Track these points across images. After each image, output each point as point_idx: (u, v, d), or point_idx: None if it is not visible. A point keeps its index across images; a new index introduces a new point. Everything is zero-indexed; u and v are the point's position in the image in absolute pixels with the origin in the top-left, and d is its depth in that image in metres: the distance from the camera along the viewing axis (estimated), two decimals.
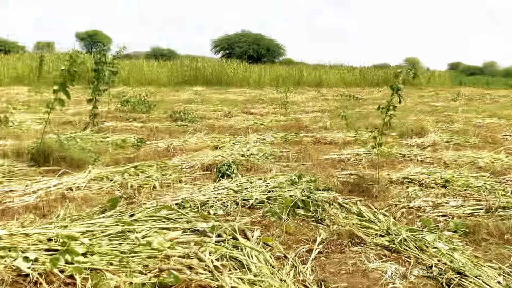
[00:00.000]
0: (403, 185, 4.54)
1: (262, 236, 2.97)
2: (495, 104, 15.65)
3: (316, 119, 9.58)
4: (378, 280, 2.50)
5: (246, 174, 4.54)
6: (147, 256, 2.50)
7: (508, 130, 8.51)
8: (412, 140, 7.15)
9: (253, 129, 7.78)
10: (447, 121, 9.76)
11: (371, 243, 2.97)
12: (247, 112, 10.59)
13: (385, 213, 3.62)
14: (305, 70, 26.37)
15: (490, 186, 4.46)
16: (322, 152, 6.17)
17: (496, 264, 2.71)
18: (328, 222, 3.34)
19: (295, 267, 2.56)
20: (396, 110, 4.35)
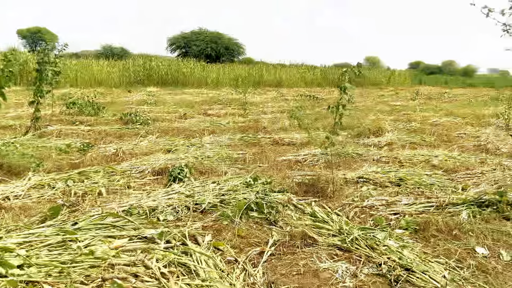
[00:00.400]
0: (357, 184, 4.57)
1: (213, 241, 2.89)
2: (452, 102, 16.21)
3: (275, 120, 9.56)
4: (328, 280, 2.47)
5: (199, 178, 4.43)
6: (90, 266, 2.36)
7: (463, 129, 8.82)
8: (369, 140, 7.26)
9: (209, 131, 7.65)
10: (405, 120, 10.00)
11: (323, 243, 2.95)
12: (204, 114, 10.41)
13: (338, 213, 3.62)
14: (265, 70, 26.25)
15: (442, 184, 4.57)
16: (280, 153, 6.15)
17: (443, 259, 2.76)
18: (282, 224, 3.30)
19: (246, 270, 2.50)
20: (353, 110, 4.37)
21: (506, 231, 3.29)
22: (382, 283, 2.46)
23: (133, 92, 16.15)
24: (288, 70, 27.74)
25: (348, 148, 6.35)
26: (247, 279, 2.40)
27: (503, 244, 3.09)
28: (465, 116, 10.94)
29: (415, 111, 11.89)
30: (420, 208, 3.78)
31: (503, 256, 2.90)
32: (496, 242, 3.12)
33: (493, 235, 3.22)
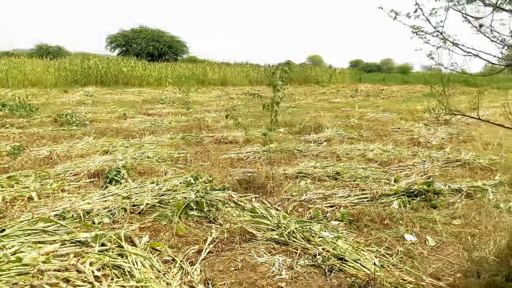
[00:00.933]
0: (297, 179, 4.68)
1: (150, 242, 2.85)
2: (389, 99, 16.95)
3: (218, 118, 9.55)
4: (265, 273, 2.52)
5: (138, 179, 4.34)
6: (17, 274, 2.25)
7: (398, 124, 9.26)
8: (309, 136, 7.44)
9: (150, 131, 7.49)
10: (344, 116, 10.33)
11: (261, 238, 3.00)
12: (145, 113, 10.17)
13: (277, 208, 3.69)
14: (209, 68, 26.13)
15: (376, 176, 4.78)
16: (222, 151, 6.15)
17: (374, 247, 2.90)
18: (221, 221, 3.31)
19: (183, 269, 2.49)
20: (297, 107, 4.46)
21: (433, 219, 3.51)
22: (316, 274, 2.55)
23: (70, 93, 15.44)
24: (233, 69, 27.76)
25: (289, 145, 6.47)
26: (184, 277, 2.39)
27: (429, 230, 3.30)
28: (400, 111, 11.50)
29: (354, 108, 12.33)
30: (355, 200, 3.93)
31: (429, 242, 3.09)
32: (424, 229, 3.32)
33: (421, 223, 3.43)
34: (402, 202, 3.84)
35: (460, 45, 1.51)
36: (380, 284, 2.36)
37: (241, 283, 2.41)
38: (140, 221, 3.24)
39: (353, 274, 2.51)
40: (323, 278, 2.50)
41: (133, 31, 38.76)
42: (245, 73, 27.59)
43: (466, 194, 4.09)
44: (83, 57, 22.30)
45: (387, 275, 2.49)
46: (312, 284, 2.43)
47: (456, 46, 1.51)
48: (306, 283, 2.45)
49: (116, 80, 21.16)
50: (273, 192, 4.14)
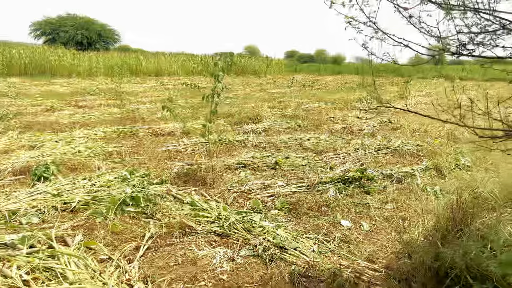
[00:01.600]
0: (236, 170, 4.67)
1: (84, 240, 2.71)
2: (323, 89, 17.39)
3: (154, 110, 9.28)
4: (206, 266, 2.49)
5: (69, 175, 4.11)
6: None
7: (332, 113, 9.54)
8: (248, 127, 7.46)
9: (81, 124, 7.12)
10: (281, 106, 10.47)
11: (202, 231, 2.96)
12: (75, 106, 9.64)
13: (217, 200, 3.67)
14: (143, 58, 25.31)
15: (313, 165, 4.90)
16: (159, 144, 5.99)
17: (313, 234, 2.97)
18: (160, 216, 3.22)
19: (120, 267, 2.39)
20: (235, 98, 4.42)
21: (367, 204, 3.66)
22: (257, 264, 2.56)
23: None
24: (168, 59, 27.11)
25: (229, 136, 6.45)
26: (122, 276, 2.30)
27: (364, 216, 3.44)
28: (334, 101, 11.88)
29: (291, 98, 12.55)
30: (293, 189, 4.01)
31: (363, 226, 3.23)
32: (358, 215, 3.46)
33: (356, 209, 3.57)
34: (338, 189, 3.97)
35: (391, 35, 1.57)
36: (319, 270, 2.42)
37: (181, 278, 2.36)
38: (73, 220, 3.07)
39: (293, 262, 2.55)
40: (264, 268, 2.52)
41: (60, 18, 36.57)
42: (181, 63, 27.05)
43: (396, 180, 4.31)
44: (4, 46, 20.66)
45: (325, 261, 2.56)
46: (253, 275, 2.44)
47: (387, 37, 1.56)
48: (247, 273, 2.45)
49: (43, 70, 19.87)
50: (213, 184, 4.11)
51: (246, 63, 29.97)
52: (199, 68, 27.67)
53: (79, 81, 17.21)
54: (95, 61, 22.17)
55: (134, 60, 24.28)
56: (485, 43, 1.42)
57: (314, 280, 2.32)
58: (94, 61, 22.20)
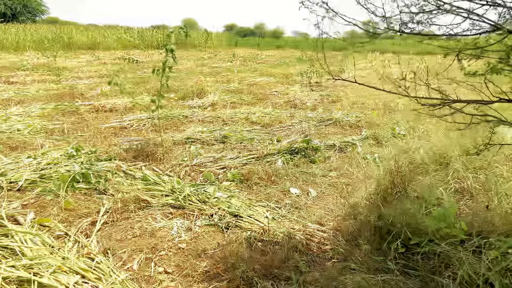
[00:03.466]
0: (186, 145, 4.71)
1: (37, 218, 2.67)
2: (265, 63, 17.47)
3: (93, 85, 8.94)
4: (165, 237, 2.57)
5: (10, 154, 3.94)
6: None
7: (275, 87, 9.70)
8: (193, 102, 7.43)
9: (16, 102, 6.74)
10: (225, 81, 10.46)
11: (157, 204, 3.02)
12: (5, 82, 9.03)
13: (169, 174, 3.71)
14: (75, 31, 23.92)
15: (260, 138, 5.04)
16: (102, 120, 5.84)
17: (265, 202, 3.13)
18: (113, 192, 3.23)
19: (78, 242, 2.40)
20: (177, 72, 4.38)
21: (313, 173, 3.88)
22: (214, 232, 2.68)
23: None
24: (103, 32, 25.83)
25: (175, 111, 6.41)
26: (81, 250, 2.32)
27: (311, 183, 3.65)
28: (276, 75, 12.06)
29: (233, 73, 12.56)
30: (243, 161, 4.13)
31: (311, 193, 3.43)
32: (306, 183, 3.66)
33: (303, 177, 3.77)
34: (286, 160, 4.15)
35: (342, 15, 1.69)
36: (273, 234, 2.59)
37: (141, 249, 2.42)
38: (21, 198, 2.99)
39: (249, 229, 2.69)
40: (221, 235, 2.64)
41: None
42: (117, 36, 25.91)
43: (339, 149, 4.58)
44: None
45: (279, 226, 2.73)
46: (211, 242, 2.55)
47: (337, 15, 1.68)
48: (206, 241, 2.56)
49: None
50: (163, 159, 4.13)
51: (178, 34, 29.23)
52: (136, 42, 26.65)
53: (6, 56, 16.02)
54: (22, 34, 20.65)
55: (67, 33, 22.90)
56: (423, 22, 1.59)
57: (269, 244, 2.48)
58: (22, 34, 20.68)
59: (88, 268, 2.12)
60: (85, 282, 2.01)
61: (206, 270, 2.24)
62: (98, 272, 2.11)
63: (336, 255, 2.34)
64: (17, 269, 2.03)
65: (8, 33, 20.30)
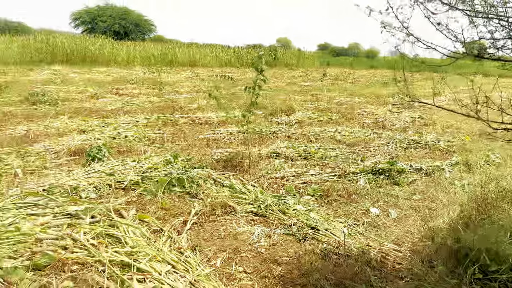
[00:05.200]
0: (271, 158, 4.94)
1: (138, 214, 3.05)
2: (356, 83, 17.34)
3: (191, 100, 9.65)
4: (246, 241, 2.78)
5: (118, 157, 4.49)
6: (17, 242, 2.42)
7: (364, 107, 9.64)
8: (281, 118, 7.70)
9: (124, 111, 7.56)
10: (314, 99, 10.64)
11: (241, 211, 3.26)
12: (116, 94, 10.12)
13: (254, 184, 3.95)
14: (178, 49, 25.81)
15: (344, 156, 5.11)
16: (198, 132, 6.33)
17: (343, 218, 3.21)
18: (203, 196, 3.54)
19: (171, 237, 2.71)
20: (266, 90, 4.66)
21: (395, 194, 3.86)
22: (292, 241, 2.83)
23: (36, 71, 15.02)
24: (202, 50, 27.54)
25: (262, 126, 6.72)
26: (173, 244, 2.61)
27: (392, 204, 3.65)
28: (367, 96, 11.93)
29: (323, 92, 12.68)
30: (325, 178, 4.24)
31: (391, 214, 3.44)
32: (387, 203, 3.67)
33: (385, 198, 3.77)
34: (368, 180, 4.18)
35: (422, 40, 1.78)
36: (348, 249, 2.67)
37: (224, 249, 2.66)
38: (125, 196, 3.42)
39: (325, 241, 2.81)
40: (298, 245, 2.78)
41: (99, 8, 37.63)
42: (215, 55, 27.44)
43: (425, 173, 4.48)
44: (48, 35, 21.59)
45: (354, 241, 2.80)
46: (288, 250, 2.71)
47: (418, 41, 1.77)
48: (283, 249, 2.72)
49: (83, 59, 20.64)
50: (250, 170, 4.39)
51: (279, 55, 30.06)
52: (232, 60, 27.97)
53: (117, 70, 17.82)
54: (132, 51, 22.83)
55: (171, 50, 24.82)
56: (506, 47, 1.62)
57: (343, 257, 2.57)
58: (132, 51, 22.86)
59: (178, 260, 2.40)
60: (175, 272, 2.29)
61: (281, 274, 2.40)
62: (186, 264, 2.38)
63: (409, 275, 2.36)
64: (120, 254, 2.38)
65: (120, 49, 22.56)
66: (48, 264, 2.23)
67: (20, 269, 2.15)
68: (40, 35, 21.99)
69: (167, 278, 2.19)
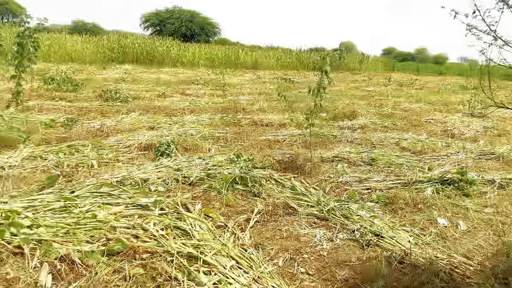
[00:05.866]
0: (333, 163, 4.89)
1: (203, 209, 3.15)
2: (423, 89, 16.68)
3: (253, 101, 9.79)
4: (308, 243, 2.78)
5: (185, 154, 4.65)
6: (93, 228, 2.59)
7: (431, 114, 9.27)
8: (343, 123, 7.60)
9: (189, 110, 7.82)
10: (377, 105, 10.39)
11: (302, 213, 3.26)
12: (182, 93, 10.50)
13: (316, 187, 3.93)
14: (241, 51, 26.26)
15: (410, 164, 4.95)
16: (259, 133, 6.41)
17: (409, 227, 3.12)
18: (265, 196, 3.58)
19: (235, 234, 2.78)
20: (329, 94, 4.63)
21: (465, 206, 3.68)
22: (355, 246, 2.79)
23: (108, 70, 15.95)
24: (265, 53, 27.81)
25: (324, 130, 6.67)
26: (237, 241, 2.67)
27: (461, 216, 3.48)
28: (434, 102, 11.46)
29: (387, 97, 12.33)
30: (389, 185, 4.13)
31: (460, 226, 3.28)
32: (456, 215, 3.50)
33: (453, 209, 3.61)
34: (436, 189, 4.01)
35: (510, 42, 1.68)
36: (415, 259, 2.59)
37: (286, 249, 2.68)
38: (191, 191, 3.54)
39: (389, 249, 2.74)
40: (361, 251, 2.74)
41: (168, 11, 39.13)
42: (277, 57, 27.61)
43: (499, 185, 4.22)
44: (120, 36, 22.86)
45: (421, 252, 2.71)
46: (351, 255, 2.67)
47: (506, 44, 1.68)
48: (345, 253, 2.69)
49: (152, 59, 21.63)
50: (311, 173, 4.38)
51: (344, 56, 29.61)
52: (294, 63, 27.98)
53: (183, 71, 18.46)
54: (197, 53, 23.57)
55: (234, 52, 25.33)
56: None
57: (409, 266, 2.49)
58: (197, 52, 23.60)
59: (242, 256, 2.45)
60: (239, 267, 2.34)
61: (344, 278, 2.38)
62: (249, 261, 2.43)
63: None
64: (187, 246, 2.47)
65: (186, 51, 23.37)
66: (121, 251, 2.37)
67: (97, 253, 2.30)
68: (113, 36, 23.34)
69: (231, 272, 2.24)
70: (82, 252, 2.23)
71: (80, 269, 2.16)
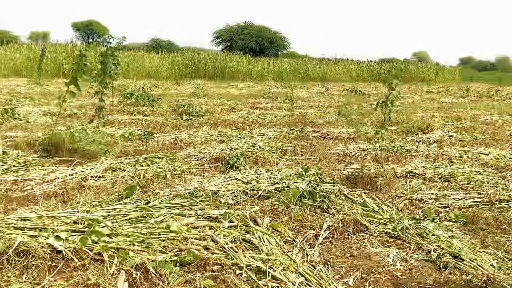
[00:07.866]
0: (406, 178, 4.69)
1: (271, 223, 3.15)
2: (505, 101, 15.53)
3: (321, 114, 9.72)
4: (380, 262, 2.67)
5: (253, 167, 4.71)
6: (166, 238, 2.70)
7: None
8: (418, 136, 7.28)
9: (258, 124, 7.93)
10: (455, 117, 9.85)
11: (374, 230, 3.14)
12: (251, 107, 10.70)
13: (388, 204, 3.78)
14: (309, 64, 26.24)
15: (492, 181, 4.60)
16: (328, 146, 6.33)
17: (491, 250, 2.88)
18: (334, 211, 3.51)
19: (303, 249, 2.74)
20: (400, 106, 4.47)
21: None
22: (431, 268, 2.63)
23: (182, 85, 16.72)
24: (333, 65, 27.58)
25: (397, 144, 6.43)
26: (305, 257, 2.64)
27: None
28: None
29: (466, 109, 11.63)
30: (469, 203, 3.87)
31: None
32: None
33: None
34: None
35: None
36: (499, 284, 2.38)
37: (357, 268, 2.59)
38: (260, 205, 3.57)
39: (470, 273, 2.55)
40: (438, 273, 2.57)
41: (238, 26, 40.23)
42: (346, 69, 27.26)
43: None
44: (193, 52, 23.93)
45: (507, 277, 2.49)
46: (426, 277, 2.52)
47: None
48: (421, 275, 2.55)
49: (222, 74, 22.38)
50: (383, 189, 4.22)
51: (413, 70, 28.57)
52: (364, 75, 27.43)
53: (252, 85, 18.86)
54: (266, 67, 23.98)
55: (302, 65, 25.40)
56: None
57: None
58: (266, 66, 24.01)
59: (311, 273, 2.41)
60: (308, 284, 2.30)
61: None
62: (318, 278, 2.38)
63: None
64: (256, 260, 2.48)
65: (255, 65, 23.86)
66: (192, 261, 2.43)
67: (169, 263, 2.39)
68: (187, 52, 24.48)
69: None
70: (156, 261, 2.33)
71: (153, 278, 2.25)
